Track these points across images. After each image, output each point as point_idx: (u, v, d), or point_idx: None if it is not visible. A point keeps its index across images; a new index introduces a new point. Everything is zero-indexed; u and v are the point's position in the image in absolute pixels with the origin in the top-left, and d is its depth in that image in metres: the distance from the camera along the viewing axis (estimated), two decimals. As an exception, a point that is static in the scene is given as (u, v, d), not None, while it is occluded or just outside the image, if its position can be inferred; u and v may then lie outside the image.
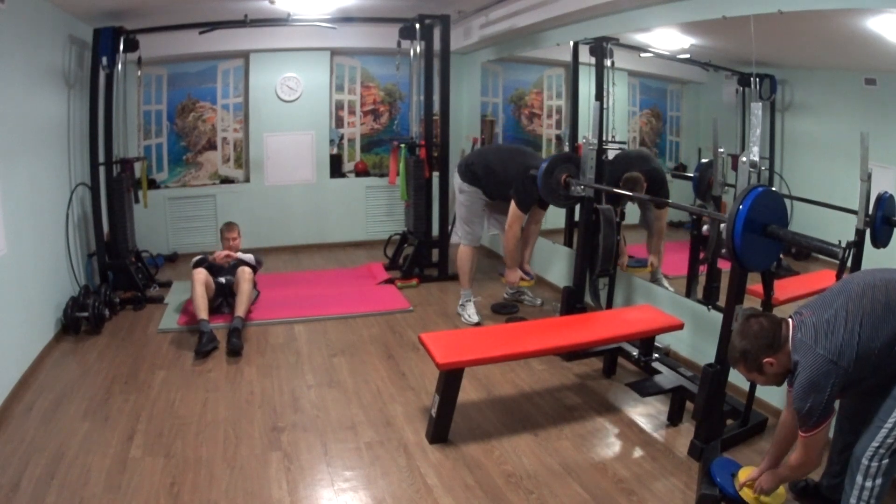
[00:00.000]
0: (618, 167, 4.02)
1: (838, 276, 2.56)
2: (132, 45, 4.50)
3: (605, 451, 2.58)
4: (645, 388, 2.83)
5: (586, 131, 3.61)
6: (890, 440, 1.72)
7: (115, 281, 4.41)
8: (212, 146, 5.96)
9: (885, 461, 1.72)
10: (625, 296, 3.89)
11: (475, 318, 4.07)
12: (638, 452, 2.57)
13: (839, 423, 2.05)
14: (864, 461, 1.74)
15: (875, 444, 1.73)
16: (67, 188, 4.17)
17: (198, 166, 5.96)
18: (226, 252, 4.14)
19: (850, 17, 2.44)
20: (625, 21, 3.78)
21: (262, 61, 5.80)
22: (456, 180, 4.14)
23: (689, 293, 3.44)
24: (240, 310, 3.81)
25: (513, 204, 3.84)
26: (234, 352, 3.52)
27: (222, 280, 4.09)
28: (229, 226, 4.35)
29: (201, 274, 3.91)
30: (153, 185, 5.64)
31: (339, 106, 6.23)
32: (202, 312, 3.73)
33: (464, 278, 4.17)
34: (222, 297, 4.13)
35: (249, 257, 4.19)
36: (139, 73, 4.99)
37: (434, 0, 4.69)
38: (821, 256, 2.34)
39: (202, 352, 3.47)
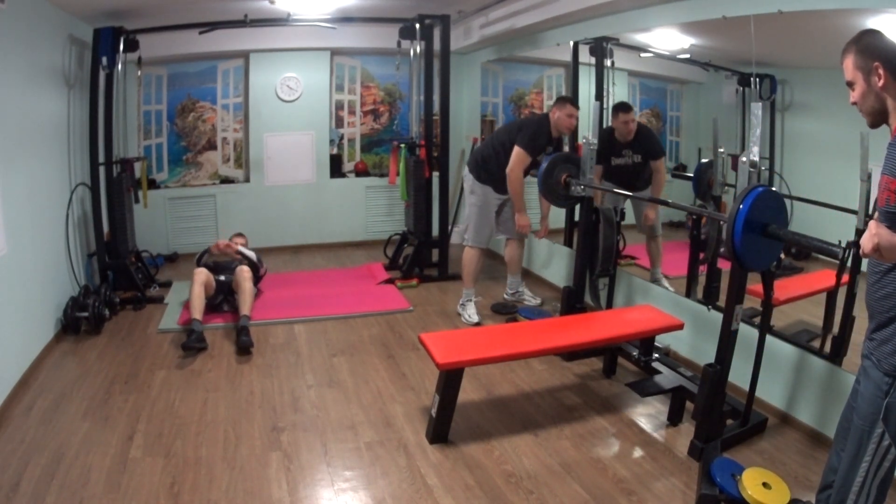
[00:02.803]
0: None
1: (838, 277, 2.57)
2: (132, 45, 4.50)
3: (605, 451, 2.58)
4: (645, 388, 2.83)
5: (586, 131, 3.61)
6: (872, 472, 1.59)
7: (115, 281, 4.41)
8: (212, 146, 5.96)
9: (874, 493, 1.62)
10: (625, 296, 3.89)
11: (475, 318, 4.07)
12: (638, 452, 2.57)
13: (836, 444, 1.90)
14: (851, 498, 1.62)
15: (859, 478, 1.61)
16: (67, 188, 4.17)
17: (198, 166, 5.96)
18: (226, 241, 4.22)
19: (850, 17, 2.44)
20: (625, 21, 3.78)
21: (262, 61, 5.80)
22: (467, 179, 4.14)
23: (689, 293, 3.45)
24: (245, 308, 3.82)
25: (516, 147, 3.80)
26: (244, 349, 3.52)
27: (222, 277, 4.10)
28: (238, 234, 4.61)
29: (202, 274, 3.92)
30: (153, 185, 5.64)
31: (339, 106, 6.23)
32: (197, 313, 3.71)
33: (467, 279, 4.16)
34: (222, 295, 4.13)
35: (251, 253, 4.24)
36: (139, 73, 4.98)
37: (434, 0, 4.69)
38: (821, 256, 2.34)
39: (190, 347, 3.46)
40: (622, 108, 3.87)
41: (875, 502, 1.62)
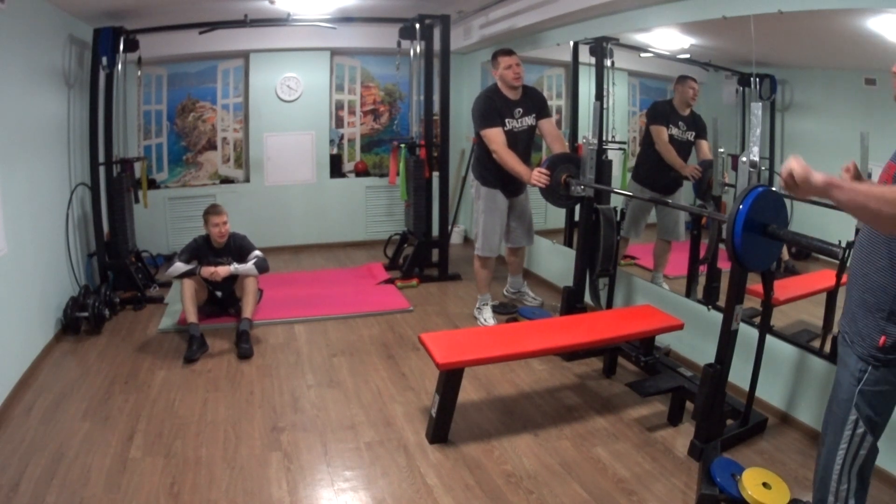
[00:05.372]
0: None
1: (838, 277, 2.57)
2: (132, 45, 4.51)
3: (605, 451, 2.58)
4: (645, 388, 2.83)
5: (586, 131, 3.61)
6: (850, 459, 1.62)
7: (115, 281, 4.41)
8: (212, 146, 5.97)
9: (854, 480, 1.64)
10: (625, 296, 3.89)
11: (492, 322, 4.03)
12: (638, 452, 2.57)
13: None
14: (833, 485, 1.65)
15: (837, 466, 1.64)
16: (67, 188, 4.18)
17: (198, 166, 5.96)
18: (212, 269, 3.68)
19: (850, 17, 2.44)
20: (625, 21, 3.78)
21: (262, 61, 5.80)
22: (473, 185, 4.11)
23: (689, 293, 3.44)
24: (247, 311, 3.75)
25: (481, 133, 3.76)
26: (244, 357, 3.50)
27: (218, 294, 4.01)
28: (215, 209, 3.82)
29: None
30: (153, 185, 5.64)
31: (339, 106, 6.23)
32: (192, 316, 3.64)
33: (480, 284, 4.14)
34: (219, 308, 4.05)
35: (248, 268, 3.76)
36: (139, 73, 4.99)
37: (434, 0, 4.69)
38: (821, 256, 2.34)
39: (191, 359, 3.43)
40: (689, 76, 3.77)
41: (856, 491, 1.64)
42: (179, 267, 3.69)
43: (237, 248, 3.88)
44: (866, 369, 1.55)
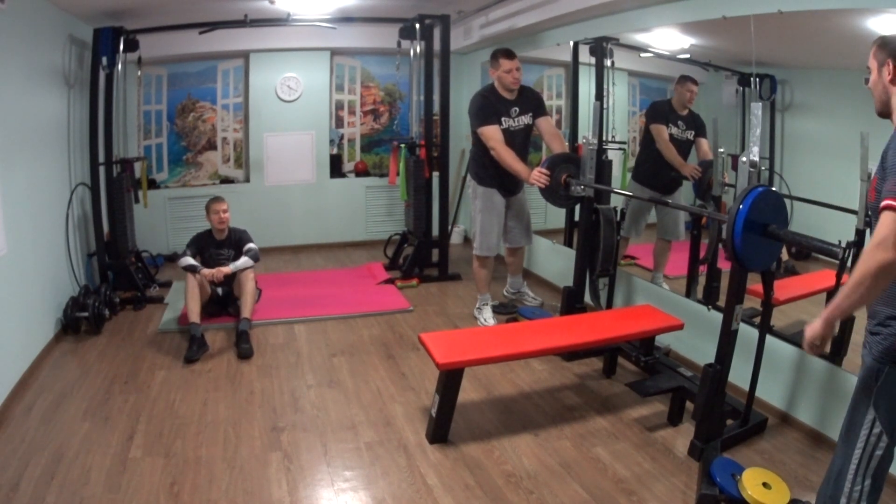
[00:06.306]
0: None
1: (838, 277, 2.57)
2: (132, 45, 4.51)
3: (605, 451, 2.58)
4: (645, 388, 2.83)
5: (586, 131, 3.61)
6: (865, 460, 1.63)
7: (115, 281, 4.41)
8: (212, 146, 5.97)
9: (868, 482, 1.65)
10: (625, 296, 3.89)
11: (492, 322, 4.03)
12: (638, 452, 2.57)
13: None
14: (847, 486, 1.66)
15: (853, 466, 1.64)
16: (67, 188, 4.18)
17: (198, 166, 5.96)
18: (213, 271, 3.78)
19: (850, 17, 2.44)
20: (625, 21, 3.78)
21: (262, 61, 5.80)
22: (470, 185, 4.10)
23: (689, 293, 3.45)
24: (246, 311, 3.77)
25: (478, 131, 3.75)
26: (244, 357, 3.51)
27: (219, 291, 4.03)
28: (217, 198, 4.03)
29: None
30: (153, 185, 5.64)
31: (339, 106, 6.23)
32: (194, 315, 3.65)
33: (479, 284, 4.13)
34: (219, 307, 4.06)
35: (244, 262, 3.87)
36: (139, 73, 4.99)
37: (434, 0, 4.69)
38: (821, 256, 2.34)
39: (192, 359, 3.43)
40: (690, 78, 3.79)
41: (870, 494, 1.64)
42: (187, 259, 3.84)
43: (237, 241, 4.05)
44: (883, 369, 1.57)
